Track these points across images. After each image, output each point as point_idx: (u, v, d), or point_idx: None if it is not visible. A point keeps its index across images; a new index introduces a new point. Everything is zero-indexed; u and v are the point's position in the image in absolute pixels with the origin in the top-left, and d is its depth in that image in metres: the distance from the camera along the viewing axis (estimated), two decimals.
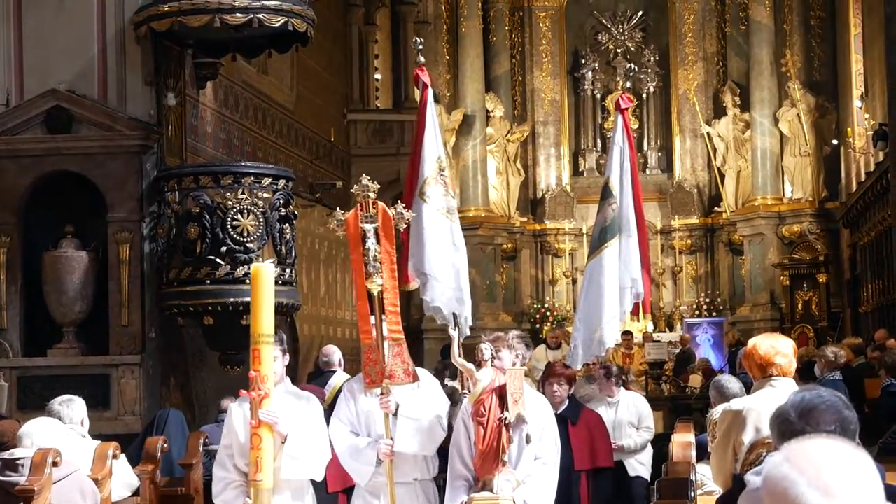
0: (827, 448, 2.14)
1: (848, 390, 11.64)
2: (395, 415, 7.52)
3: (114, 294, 11.83)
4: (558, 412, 8.76)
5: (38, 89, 12.05)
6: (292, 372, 12.34)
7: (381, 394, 7.47)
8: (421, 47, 12.18)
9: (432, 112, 10.97)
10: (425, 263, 10.50)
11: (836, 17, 26.09)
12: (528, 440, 7.33)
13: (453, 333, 9.72)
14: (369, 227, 7.45)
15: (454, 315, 10.83)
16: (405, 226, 7.65)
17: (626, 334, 19.45)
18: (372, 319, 7.62)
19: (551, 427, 7.55)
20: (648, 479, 11.17)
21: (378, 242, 7.46)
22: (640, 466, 11.57)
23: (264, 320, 6.84)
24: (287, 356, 7.37)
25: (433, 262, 10.54)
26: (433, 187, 10.66)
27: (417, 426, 7.55)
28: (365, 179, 7.52)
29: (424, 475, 7.76)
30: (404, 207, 7.90)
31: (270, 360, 6.91)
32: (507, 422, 7.19)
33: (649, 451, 11.71)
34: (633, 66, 27.57)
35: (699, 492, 8.12)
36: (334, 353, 11.58)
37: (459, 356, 9.77)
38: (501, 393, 7.26)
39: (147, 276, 11.90)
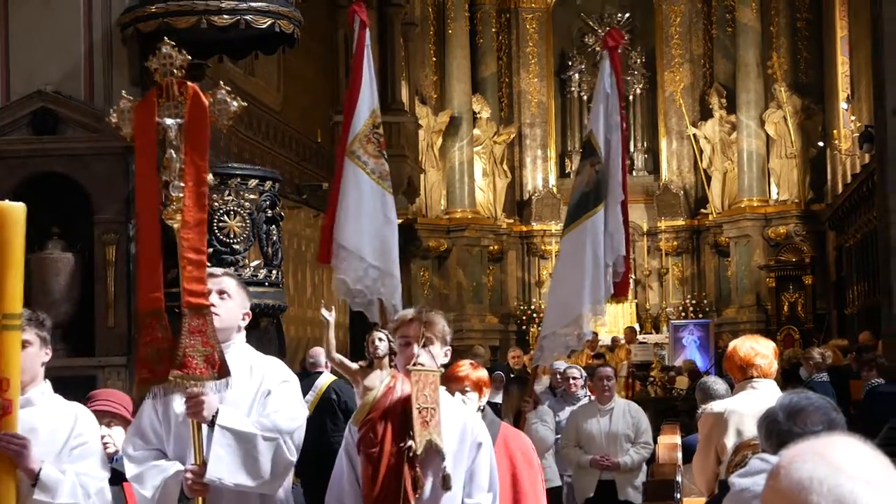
0: (849, 443, 2.13)
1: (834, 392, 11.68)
2: (210, 425, 4.86)
3: (100, 295, 11.81)
4: None
5: (24, 90, 12.03)
6: None
7: (187, 393, 4.83)
8: None
9: (369, 56, 9.24)
10: (346, 236, 8.77)
11: (822, 20, 26.15)
12: (445, 484, 4.87)
13: (328, 317, 7.84)
14: (171, 122, 4.90)
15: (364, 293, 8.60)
16: (228, 122, 5.06)
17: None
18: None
19: (485, 455, 5.07)
20: None
21: (183, 149, 4.88)
22: (632, 491, 10.06)
23: (7, 292, 4.65)
24: (49, 349, 5.10)
25: (358, 235, 8.75)
26: (364, 146, 8.91)
27: (243, 445, 4.85)
28: (167, 47, 5.10)
29: None
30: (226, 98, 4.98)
31: (17, 354, 4.75)
32: (411, 454, 4.81)
33: (644, 471, 10.38)
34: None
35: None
36: (321, 354, 11.55)
37: (335, 351, 7.62)
38: (405, 408, 4.87)
39: (133, 277, 11.87)
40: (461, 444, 4.96)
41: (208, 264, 5.01)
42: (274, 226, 11.79)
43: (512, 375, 12.67)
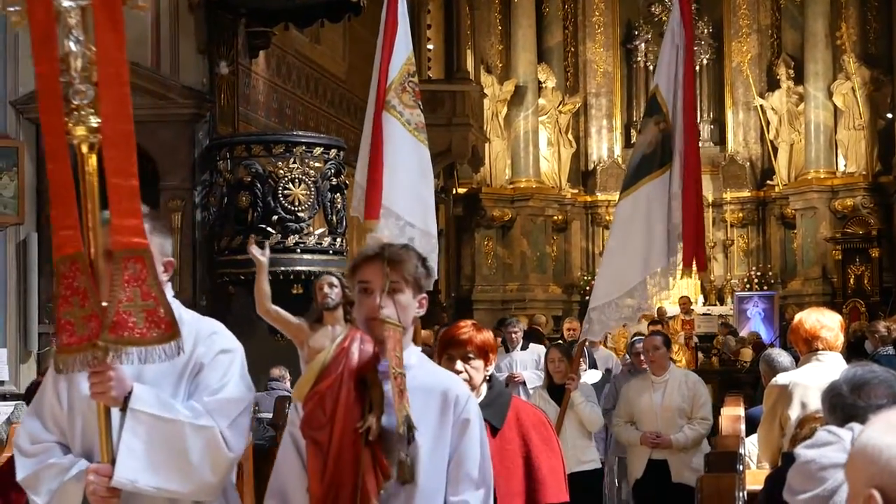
0: None
1: None
2: (123, 409, 3.63)
3: None
4: None
5: None
6: None
7: (90, 366, 3.54)
8: None
9: (404, 4, 8.47)
10: (383, 191, 8.02)
11: None
12: (401, 473, 3.59)
13: (259, 256, 6.11)
14: (71, 3, 3.52)
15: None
16: (146, 4, 3.84)
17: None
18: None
19: (474, 437, 3.75)
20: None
21: (92, 41, 3.59)
22: (687, 473, 8.94)
23: None
24: None
25: (394, 190, 8.02)
26: (400, 95, 8.21)
27: (165, 436, 3.66)
28: None
29: None
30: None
31: None
32: (371, 438, 3.56)
33: (707, 449, 9.14)
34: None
35: None
36: None
37: (271, 303, 5.95)
38: (364, 377, 3.60)
39: (199, 244, 11.96)
40: (442, 421, 3.69)
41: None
42: (338, 194, 11.83)
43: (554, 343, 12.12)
